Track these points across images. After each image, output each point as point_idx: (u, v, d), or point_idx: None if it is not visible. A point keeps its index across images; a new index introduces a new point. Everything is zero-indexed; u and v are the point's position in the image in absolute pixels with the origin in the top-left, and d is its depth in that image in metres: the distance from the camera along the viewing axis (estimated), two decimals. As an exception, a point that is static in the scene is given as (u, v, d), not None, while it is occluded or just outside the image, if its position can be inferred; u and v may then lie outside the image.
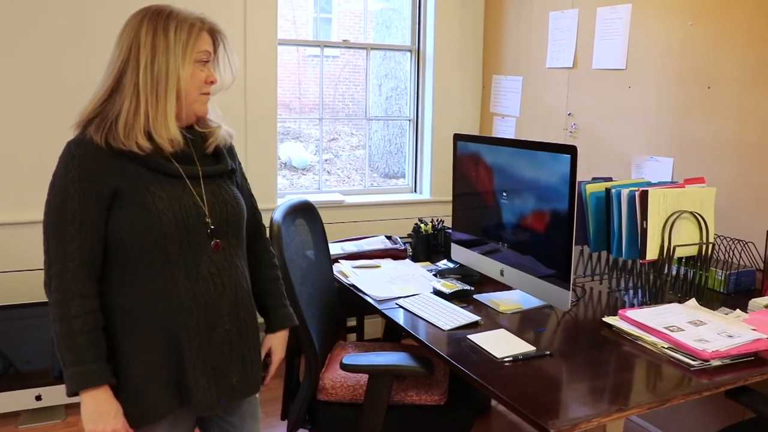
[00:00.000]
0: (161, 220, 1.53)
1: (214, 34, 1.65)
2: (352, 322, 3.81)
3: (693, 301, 2.33)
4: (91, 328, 1.51)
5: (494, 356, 1.92)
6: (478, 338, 2.05)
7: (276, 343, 1.86)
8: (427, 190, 4.29)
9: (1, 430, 3.08)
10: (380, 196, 4.26)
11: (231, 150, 1.82)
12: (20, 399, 3.07)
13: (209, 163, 1.69)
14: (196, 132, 1.69)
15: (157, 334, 1.56)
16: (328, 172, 8.99)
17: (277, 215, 2.20)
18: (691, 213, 2.45)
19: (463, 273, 2.67)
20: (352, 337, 3.80)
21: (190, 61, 1.58)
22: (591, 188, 2.57)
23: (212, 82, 1.64)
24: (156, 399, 1.57)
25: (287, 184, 8.53)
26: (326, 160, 9.26)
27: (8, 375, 3.06)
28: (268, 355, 1.87)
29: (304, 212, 2.48)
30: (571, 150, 2.07)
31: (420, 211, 4.10)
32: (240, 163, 1.86)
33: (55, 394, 3.11)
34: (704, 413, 2.92)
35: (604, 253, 2.69)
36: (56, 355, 1.54)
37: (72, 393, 1.51)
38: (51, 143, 3.17)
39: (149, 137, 1.55)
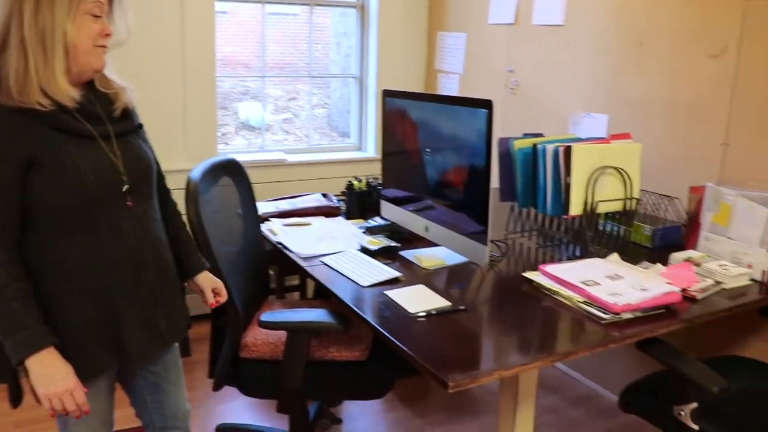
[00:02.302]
0: (84, 181, 1.53)
1: None
2: (295, 281, 3.82)
3: (615, 256, 2.35)
4: (23, 293, 1.51)
5: (408, 311, 1.93)
6: (394, 294, 2.05)
7: (206, 280, 1.94)
8: (372, 147, 4.27)
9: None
10: (323, 154, 4.23)
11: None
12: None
13: (117, 121, 1.67)
14: (99, 92, 1.66)
15: (89, 293, 1.59)
16: (287, 132, 8.89)
17: (195, 173, 2.16)
18: (615, 169, 2.45)
19: (392, 230, 2.67)
20: (295, 295, 3.81)
21: (78, 13, 1.51)
22: (519, 144, 2.56)
23: (108, 35, 1.58)
24: (94, 355, 1.60)
25: (245, 143, 8.42)
26: (285, 120, 9.15)
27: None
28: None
29: (229, 170, 2.45)
30: (488, 105, 2.05)
31: (364, 169, 4.08)
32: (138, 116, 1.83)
33: None
34: (627, 363, 2.98)
35: (533, 210, 2.70)
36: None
37: (18, 362, 1.50)
38: None
39: (44, 94, 1.49)
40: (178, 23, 3.55)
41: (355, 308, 1.97)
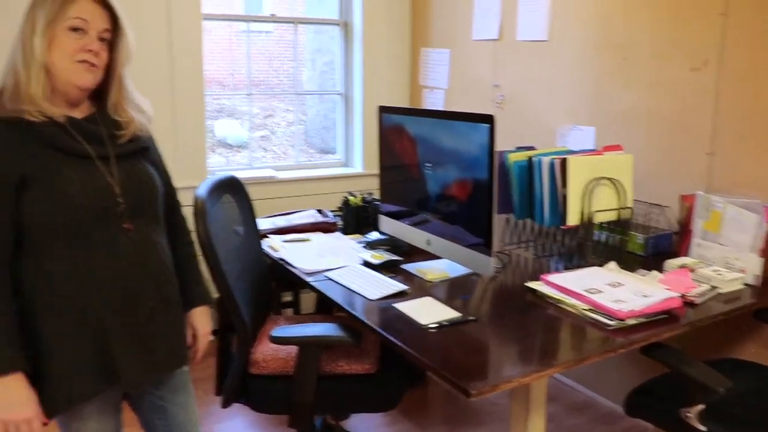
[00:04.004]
0: (75, 203, 1.52)
1: (105, 5, 1.60)
2: (288, 297, 3.82)
3: (613, 264, 2.41)
4: (1, 313, 1.49)
5: (419, 323, 1.96)
6: (404, 307, 2.08)
7: (197, 319, 1.88)
8: (359, 163, 4.31)
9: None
10: (312, 171, 4.25)
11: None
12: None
13: (120, 143, 1.66)
14: (107, 116, 1.66)
15: (79, 316, 1.56)
16: (264, 149, 8.90)
17: (201, 191, 2.17)
18: (609, 179, 2.52)
19: (392, 244, 2.70)
20: (289, 311, 3.81)
21: (49, 29, 1.53)
22: (514, 157, 2.62)
23: (90, 51, 1.57)
24: (82, 381, 1.57)
25: (223, 162, 8.41)
26: (262, 137, 9.16)
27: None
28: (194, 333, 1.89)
29: (231, 188, 2.46)
30: (489, 119, 2.11)
31: (352, 185, 4.11)
32: (153, 139, 1.84)
33: None
34: (627, 370, 3.04)
35: (529, 221, 2.76)
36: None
37: None
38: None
39: (33, 108, 1.52)
40: (165, 41, 3.55)
41: (368, 322, 2.00)
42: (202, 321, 1.89)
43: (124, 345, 1.60)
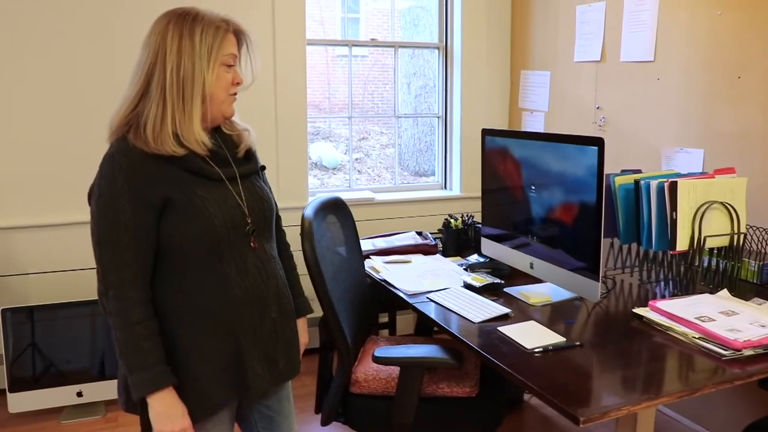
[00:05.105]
0: (214, 223, 1.60)
1: (238, 35, 1.69)
2: (384, 318, 3.85)
3: (725, 292, 2.32)
4: (152, 333, 1.56)
5: (524, 347, 1.94)
6: (508, 330, 2.07)
7: (300, 329, 1.94)
8: (457, 186, 4.31)
9: (44, 425, 3.18)
10: (410, 193, 4.29)
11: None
12: (62, 395, 3.17)
13: (241, 163, 1.75)
14: (224, 134, 1.75)
15: (215, 330, 1.64)
16: (359, 171, 9.03)
17: (308, 211, 2.23)
18: (721, 203, 2.43)
19: (493, 267, 2.69)
20: (385, 332, 3.84)
21: (216, 65, 1.61)
22: (620, 180, 2.57)
23: (239, 83, 1.68)
24: (217, 392, 1.65)
25: (318, 183, 8.59)
26: (356, 159, 9.31)
27: (50, 373, 3.16)
28: None
29: (335, 209, 2.52)
30: (598, 142, 2.08)
31: (450, 208, 4.13)
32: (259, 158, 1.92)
33: (95, 391, 3.19)
34: (737, 404, 2.90)
35: (634, 246, 2.69)
36: (104, 355, 1.59)
37: (139, 397, 1.57)
38: (92, 145, 3.26)
39: (179, 141, 1.58)
40: (270, 66, 3.68)
41: (472, 345, 1.99)
42: (304, 331, 1.98)
43: (254, 356, 1.69)
